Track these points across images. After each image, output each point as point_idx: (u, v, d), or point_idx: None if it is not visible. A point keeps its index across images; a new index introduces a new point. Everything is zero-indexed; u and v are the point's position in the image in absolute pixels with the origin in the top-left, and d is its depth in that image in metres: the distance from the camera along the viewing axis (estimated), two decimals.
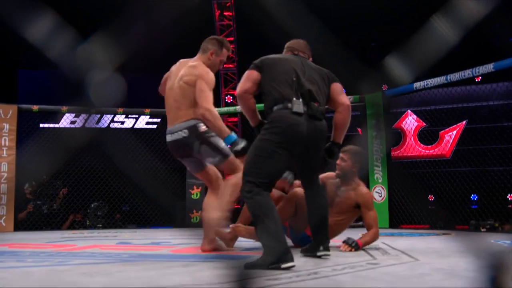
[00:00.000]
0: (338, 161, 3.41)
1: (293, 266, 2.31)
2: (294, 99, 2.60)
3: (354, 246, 3.13)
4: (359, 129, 6.59)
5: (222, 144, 3.13)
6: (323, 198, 2.85)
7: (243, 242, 3.57)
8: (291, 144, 2.56)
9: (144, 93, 7.59)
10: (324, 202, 2.85)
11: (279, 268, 2.27)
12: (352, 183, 3.42)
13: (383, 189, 5.82)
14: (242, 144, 2.98)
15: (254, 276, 2.12)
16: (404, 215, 5.76)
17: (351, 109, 2.89)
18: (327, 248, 2.81)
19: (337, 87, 2.87)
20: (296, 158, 2.66)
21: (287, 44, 2.99)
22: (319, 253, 2.79)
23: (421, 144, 6.94)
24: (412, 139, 6.90)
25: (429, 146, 6.88)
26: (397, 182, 5.90)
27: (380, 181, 5.84)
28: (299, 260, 2.74)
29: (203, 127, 3.13)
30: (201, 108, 3.05)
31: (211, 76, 3.17)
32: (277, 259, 2.30)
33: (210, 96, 3.08)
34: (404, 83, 5.68)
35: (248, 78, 2.71)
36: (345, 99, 2.87)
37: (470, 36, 6.77)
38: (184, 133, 3.16)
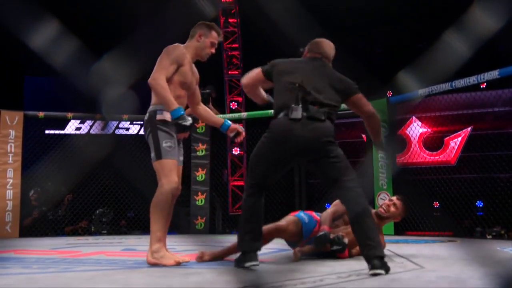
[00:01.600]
0: (388, 203, 3.46)
1: (256, 264, 2.64)
2: (293, 105, 2.67)
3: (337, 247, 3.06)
4: (363, 136, 6.59)
5: (165, 144, 3.04)
6: (355, 193, 2.58)
7: None
8: (282, 147, 2.65)
9: (149, 99, 7.62)
10: (356, 196, 2.57)
11: (243, 267, 2.64)
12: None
13: (387, 195, 5.81)
14: (189, 121, 2.95)
15: (258, 283, 2.11)
16: (409, 221, 5.74)
17: (375, 114, 2.90)
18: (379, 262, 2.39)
19: (357, 100, 2.84)
20: (302, 162, 2.76)
21: (311, 43, 2.98)
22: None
23: (426, 151, 6.92)
24: (417, 146, 6.88)
25: (434, 153, 6.86)
26: (402, 189, 5.88)
27: (384, 187, 5.82)
28: (304, 268, 2.74)
29: (160, 116, 3.05)
30: (150, 78, 2.98)
31: (171, 48, 3.08)
32: (243, 258, 2.67)
33: (163, 66, 2.98)
34: (411, 91, 5.67)
35: (252, 77, 2.94)
36: (367, 109, 2.87)
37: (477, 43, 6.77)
38: (146, 116, 3.12)
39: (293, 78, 2.74)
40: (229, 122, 3.29)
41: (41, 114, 6.43)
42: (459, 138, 6.88)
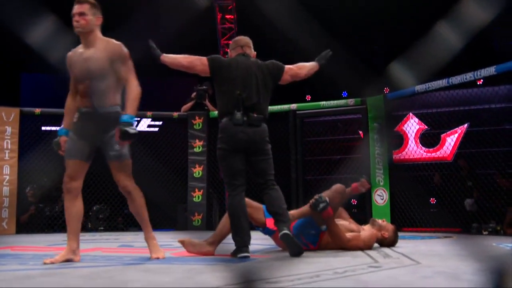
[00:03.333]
0: (378, 233, 3.59)
1: (247, 256, 3.00)
2: (236, 111, 3.17)
3: (318, 207, 3.28)
4: (360, 132, 6.59)
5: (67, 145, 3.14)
6: (275, 190, 3.21)
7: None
8: (235, 147, 3.16)
9: (146, 95, 7.61)
10: (276, 193, 3.19)
11: (237, 257, 3.00)
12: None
13: (384, 192, 5.82)
14: (135, 130, 2.98)
15: (255, 279, 2.12)
16: (406, 218, 5.75)
17: (314, 67, 3.48)
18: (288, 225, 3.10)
19: (289, 71, 3.39)
20: (248, 158, 3.21)
21: (234, 40, 3.47)
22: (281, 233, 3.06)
23: (422, 147, 6.93)
24: (414, 142, 6.89)
25: (431, 149, 6.87)
26: (398, 185, 5.89)
27: (381, 184, 5.83)
28: (300, 263, 2.74)
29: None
30: (137, 85, 3.07)
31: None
32: (237, 250, 3.04)
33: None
34: (406, 86, 5.67)
35: (195, 64, 3.26)
36: (304, 72, 3.44)
37: (472, 39, 6.77)
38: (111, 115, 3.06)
39: (234, 85, 3.19)
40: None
41: (37, 110, 6.42)
42: (456, 135, 6.88)
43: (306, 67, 3.45)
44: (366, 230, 3.53)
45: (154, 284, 2.01)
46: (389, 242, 3.61)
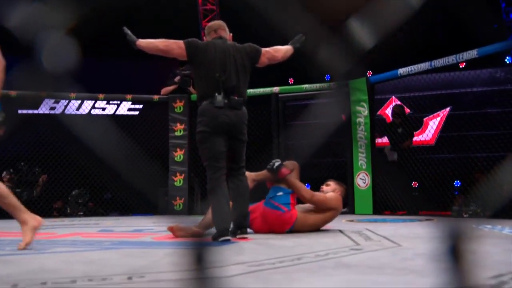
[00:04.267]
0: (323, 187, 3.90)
1: (228, 240, 3.00)
2: (216, 94, 3.17)
3: (273, 166, 3.57)
4: (343, 116, 6.62)
5: None
6: (243, 183, 3.30)
7: None
8: (217, 130, 3.17)
9: (125, 78, 7.54)
10: (243, 186, 3.29)
11: (218, 240, 2.98)
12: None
13: (367, 175, 5.88)
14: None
15: (235, 262, 2.14)
16: (388, 201, 5.83)
17: (289, 51, 3.52)
18: (244, 231, 3.23)
19: (266, 54, 3.41)
20: (228, 141, 3.22)
21: (207, 27, 3.49)
22: (238, 235, 3.19)
23: None
24: None
25: (414, 132, 6.94)
26: (381, 169, 5.96)
27: (364, 167, 5.89)
28: (282, 247, 2.78)
29: None
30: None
31: None
32: (218, 233, 3.03)
33: None
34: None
35: (171, 47, 3.26)
36: (280, 55, 3.48)
37: (454, 22, 6.82)
38: None
39: (212, 68, 3.20)
40: None
41: (13, 93, 6.31)
42: (438, 118, 6.97)
43: (281, 50, 3.49)
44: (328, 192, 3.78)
45: (134, 268, 2.02)
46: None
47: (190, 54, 3.26)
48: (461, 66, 5.87)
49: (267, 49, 3.45)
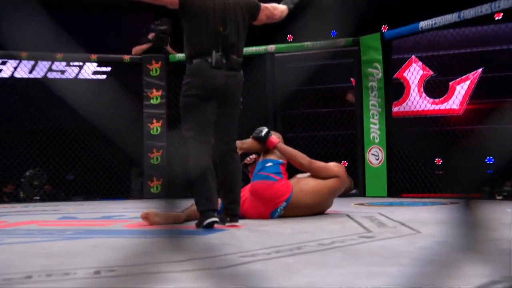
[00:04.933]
0: None
1: (215, 222, 3.04)
2: (214, 52, 3.16)
3: (260, 133, 3.76)
4: (352, 79, 6.62)
5: None
6: (236, 162, 3.34)
7: None
8: (211, 95, 3.17)
9: (88, 35, 7.46)
10: (236, 167, 3.33)
11: (203, 225, 3.02)
12: None
13: (380, 151, 5.91)
14: None
15: (223, 253, 2.16)
16: (406, 181, 5.87)
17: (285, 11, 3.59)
18: (234, 219, 3.27)
19: (265, 11, 3.46)
20: (220, 110, 3.24)
21: None
22: (227, 224, 3.22)
23: (427, 98, 7.01)
24: (416, 92, 6.96)
25: (437, 100, 6.96)
26: (397, 143, 5.98)
27: (377, 141, 5.92)
28: (283, 235, 2.81)
29: None
30: None
31: None
32: (202, 216, 3.05)
33: None
34: None
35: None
36: (278, 12, 3.54)
37: None
38: None
39: (211, 20, 3.19)
40: None
41: None
42: (467, 82, 6.97)
43: (279, 9, 3.56)
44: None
45: (103, 260, 2.04)
46: (349, 186, 3.99)
47: (183, 1, 3.23)
48: (496, 18, 5.84)
49: (265, 5, 3.49)
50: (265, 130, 3.80)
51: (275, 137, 3.80)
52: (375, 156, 5.93)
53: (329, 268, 1.81)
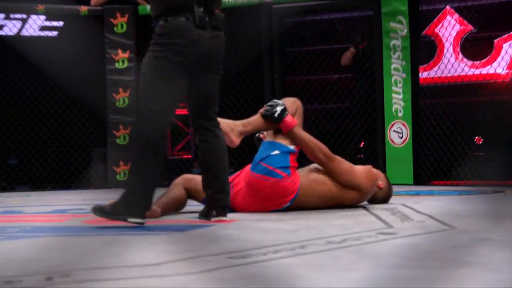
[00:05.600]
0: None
1: (142, 223, 3.01)
2: (196, 7, 3.13)
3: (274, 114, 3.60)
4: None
5: None
6: (220, 140, 3.35)
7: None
8: (192, 62, 3.15)
9: None
10: (221, 146, 3.34)
11: (126, 221, 3.00)
12: None
13: (405, 127, 5.90)
14: None
15: (209, 253, 2.17)
16: (437, 165, 5.88)
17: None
18: (222, 212, 3.27)
19: None
20: (195, 79, 3.24)
21: None
22: (212, 219, 3.23)
23: (465, 60, 7.00)
24: (452, 52, 6.95)
25: (478, 63, 6.95)
26: (426, 117, 5.98)
27: (400, 115, 5.91)
28: (285, 231, 2.83)
29: None
30: None
31: None
32: (128, 210, 3.01)
33: None
34: None
35: None
36: None
37: None
38: None
39: None
40: None
41: None
42: None
43: None
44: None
45: (55, 265, 2.05)
46: (382, 197, 3.89)
47: None
48: None
49: None
50: (279, 107, 3.63)
51: (291, 118, 3.66)
52: (398, 134, 5.93)
53: (340, 271, 1.82)
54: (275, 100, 3.71)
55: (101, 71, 6.70)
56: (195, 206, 3.68)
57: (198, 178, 3.61)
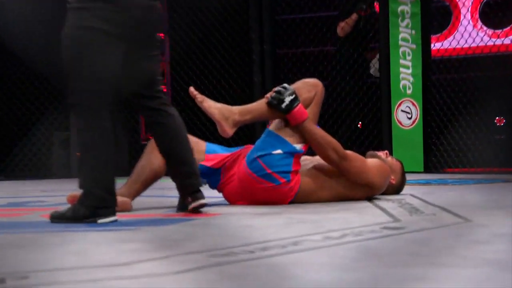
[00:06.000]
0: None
1: (114, 221, 2.98)
2: None
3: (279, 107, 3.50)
4: (375, 3, 6.60)
5: None
6: (175, 119, 3.31)
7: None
8: (123, 33, 3.09)
9: None
10: (177, 126, 3.31)
11: (95, 222, 2.94)
12: None
13: (414, 106, 5.92)
14: None
15: (186, 251, 2.17)
16: (451, 150, 5.90)
17: None
18: (198, 196, 3.25)
19: None
20: (128, 56, 3.14)
21: None
22: (190, 207, 3.25)
23: (485, 28, 7.02)
24: (470, 19, 6.97)
25: (500, 31, 6.97)
26: (439, 95, 6.00)
27: (409, 92, 5.92)
28: (270, 226, 2.83)
29: None
30: None
31: None
32: (94, 210, 2.97)
33: None
34: None
35: None
36: None
37: None
38: None
39: None
40: None
41: None
42: None
43: None
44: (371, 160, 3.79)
45: (9, 265, 2.05)
46: (394, 190, 3.91)
47: None
48: None
49: None
50: (289, 96, 3.51)
51: (302, 109, 3.55)
52: (406, 114, 5.94)
53: (337, 272, 1.82)
54: (285, 85, 3.57)
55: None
56: (172, 198, 3.67)
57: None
